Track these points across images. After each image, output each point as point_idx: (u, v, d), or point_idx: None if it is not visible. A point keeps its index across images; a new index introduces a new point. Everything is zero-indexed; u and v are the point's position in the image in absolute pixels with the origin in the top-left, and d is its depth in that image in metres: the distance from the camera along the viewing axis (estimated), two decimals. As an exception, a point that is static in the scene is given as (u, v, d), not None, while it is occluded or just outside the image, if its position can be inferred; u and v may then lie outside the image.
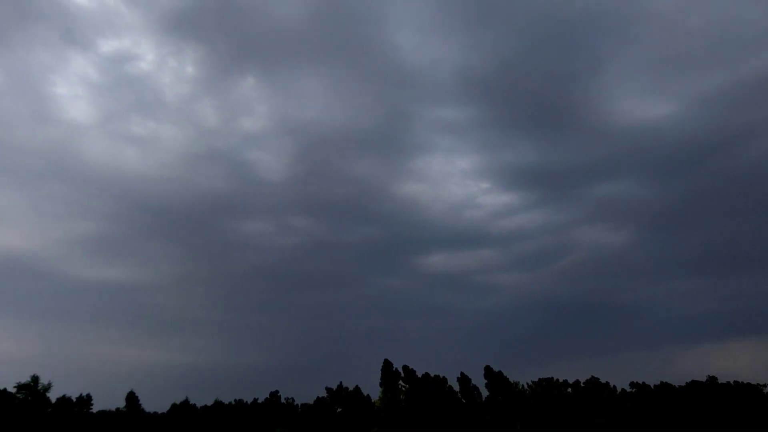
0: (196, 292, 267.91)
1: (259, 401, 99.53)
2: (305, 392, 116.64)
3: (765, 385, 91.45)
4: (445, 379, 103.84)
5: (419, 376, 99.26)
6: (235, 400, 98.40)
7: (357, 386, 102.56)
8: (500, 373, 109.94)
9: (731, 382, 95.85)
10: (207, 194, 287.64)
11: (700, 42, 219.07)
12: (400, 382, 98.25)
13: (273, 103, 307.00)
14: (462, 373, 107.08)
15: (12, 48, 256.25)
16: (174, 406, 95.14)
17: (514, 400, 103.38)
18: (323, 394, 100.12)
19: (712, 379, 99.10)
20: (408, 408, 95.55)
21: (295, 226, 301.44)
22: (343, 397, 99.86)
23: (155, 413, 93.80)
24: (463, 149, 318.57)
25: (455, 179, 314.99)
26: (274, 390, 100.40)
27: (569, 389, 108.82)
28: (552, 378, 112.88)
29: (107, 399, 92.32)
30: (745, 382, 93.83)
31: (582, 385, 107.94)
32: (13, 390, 77.07)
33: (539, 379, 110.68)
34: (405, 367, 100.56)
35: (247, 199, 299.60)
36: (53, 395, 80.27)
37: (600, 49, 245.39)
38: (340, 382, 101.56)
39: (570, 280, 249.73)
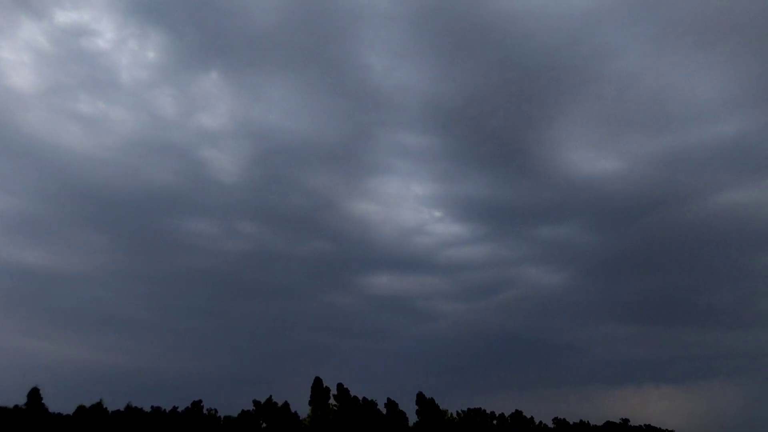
0: (128, 288, 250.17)
1: (179, 410, 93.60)
2: (232, 404, 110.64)
3: (671, 431, 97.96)
4: (374, 403, 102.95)
5: (352, 396, 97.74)
6: (152, 407, 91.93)
7: (286, 402, 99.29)
8: (432, 400, 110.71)
9: (643, 425, 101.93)
10: (152, 186, 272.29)
11: (650, 107, 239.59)
12: (332, 401, 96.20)
13: (236, 102, 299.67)
14: (389, 399, 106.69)
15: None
16: (81, 408, 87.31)
17: (442, 428, 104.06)
18: (251, 407, 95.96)
19: (625, 421, 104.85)
20: (336, 429, 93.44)
21: (244, 232, 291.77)
22: (270, 412, 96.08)
23: (59, 414, 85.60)
24: (420, 176, 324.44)
25: (409, 204, 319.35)
26: (197, 399, 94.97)
27: (495, 421, 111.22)
28: (480, 408, 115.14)
29: (6, 394, 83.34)
30: (655, 426, 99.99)
31: (507, 417, 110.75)
32: None
33: (468, 409, 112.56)
34: (339, 386, 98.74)
35: (196, 198, 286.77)
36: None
37: (556, 101, 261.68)
38: (270, 396, 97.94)
39: (508, 315, 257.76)
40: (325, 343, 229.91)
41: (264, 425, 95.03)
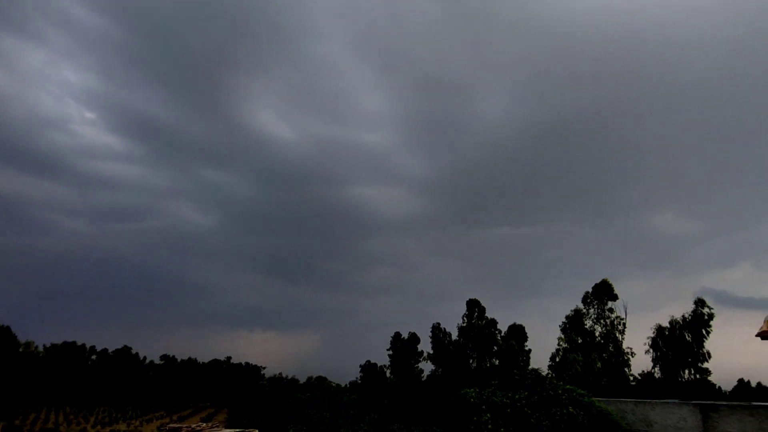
0: None
1: None
2: None
3: (264, 367, 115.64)
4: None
5: None
6: None
7: None
8: (8, 328, 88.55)
9: (243, 362, 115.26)
10: None
11: (332, 98, 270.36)
12: None
13: None
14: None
15: None
16: None
17: (19, 362, 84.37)
18: None
19: (228, 359, 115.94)
20: None
21: None
22: None
23: None
24: (79, 61, 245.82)
25: (53, 90, 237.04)
26: None
27: (94, 356, 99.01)
28: (75, 342, 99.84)
29: None
30: (252, 363, 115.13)
31: (110, 353, 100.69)
32: None
33: (63, 342, 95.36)
34: None
35: None
36: None
37: (265, 55, 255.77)
38: None
39: (141, 246, 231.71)
40: None
41: None
